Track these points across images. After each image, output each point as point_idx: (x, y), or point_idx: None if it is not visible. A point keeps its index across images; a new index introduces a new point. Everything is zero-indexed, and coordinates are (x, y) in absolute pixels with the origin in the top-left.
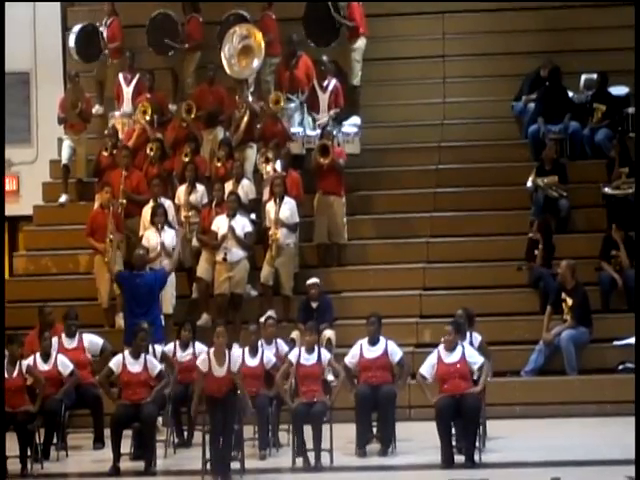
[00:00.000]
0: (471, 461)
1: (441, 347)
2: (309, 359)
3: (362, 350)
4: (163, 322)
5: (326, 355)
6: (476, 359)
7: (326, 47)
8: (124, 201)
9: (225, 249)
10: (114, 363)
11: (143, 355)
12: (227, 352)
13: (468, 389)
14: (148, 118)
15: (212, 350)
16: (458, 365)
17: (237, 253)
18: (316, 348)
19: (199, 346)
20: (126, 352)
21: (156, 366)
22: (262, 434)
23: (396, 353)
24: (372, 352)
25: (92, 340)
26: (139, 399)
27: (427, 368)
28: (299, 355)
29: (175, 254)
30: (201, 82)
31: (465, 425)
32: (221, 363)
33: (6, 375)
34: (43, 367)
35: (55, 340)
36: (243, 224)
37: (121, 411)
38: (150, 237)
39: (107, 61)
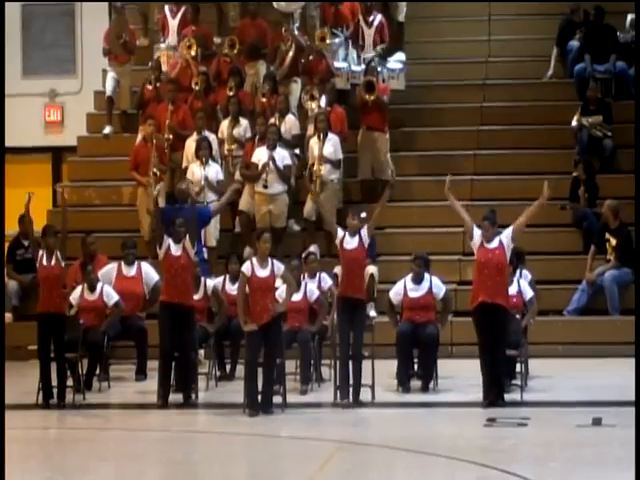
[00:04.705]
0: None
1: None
2: (351, 242)
3: (406, 289)
4: (206, 256)
5: (365, 238)
6: (527, 291)
7: None
8: (170, 136)
9: (264, 180)
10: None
11: (182, 241)
12: (270, 258)
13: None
14: (193, 53)
15: (256, 257)
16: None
17: (277, 186)
18: (357, 235)
19: None
20: (171, 240)
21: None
22: (304, 369)
23: (440, 289)
24: (416, 292)
25: (149, 272)
26: (180, 293)
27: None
28: (343, 237)
29: (227, 195)
30: (245, 15)
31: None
32: (264, 266)
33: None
34: (89, 297)
35: (114, 267)
36: (283, 156)
37: (165, 310)
38: (194, 171)
39: None
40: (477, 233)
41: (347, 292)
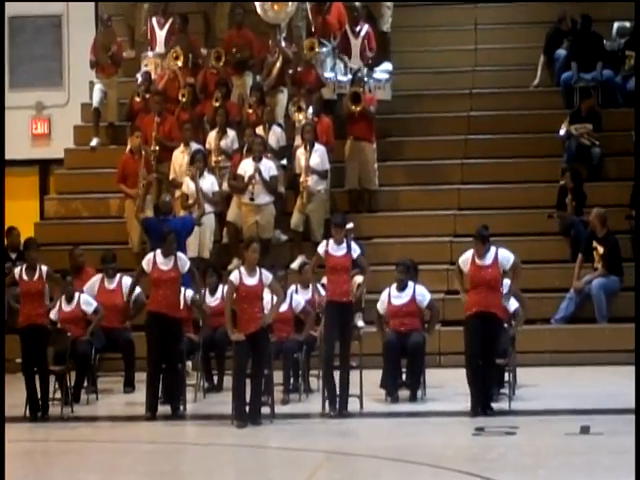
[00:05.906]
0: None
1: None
2: (338, 250)
3: (389, 297)
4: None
5: (356, 250)
6: (512, 303)
7: None
8: (157, 148)
9: (251, 192)
10: (145, 262)
11: (173, 256)
12: (259, 268)
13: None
14: (180, 64)
15: (244, 266)
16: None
17: (263, 197)
18: (345, 242)
19: None
20: (158, 251)
21: (186, 262)
22: (286, 378)
23: (425, 298)
24: (399, 299)
25: (128, 284)
26: (167, 304)
27: (463, 262)
28: (327, 244)
29: (202, 201)
30: (231, 26)
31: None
32: (253, 275)
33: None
34: (66, 308)
35: (98, 279)
36: (269, 167)
37: (152, 320)
38: (189, 183)
39: (137, 3)
40: (464, 257)
41: (334, 296)
